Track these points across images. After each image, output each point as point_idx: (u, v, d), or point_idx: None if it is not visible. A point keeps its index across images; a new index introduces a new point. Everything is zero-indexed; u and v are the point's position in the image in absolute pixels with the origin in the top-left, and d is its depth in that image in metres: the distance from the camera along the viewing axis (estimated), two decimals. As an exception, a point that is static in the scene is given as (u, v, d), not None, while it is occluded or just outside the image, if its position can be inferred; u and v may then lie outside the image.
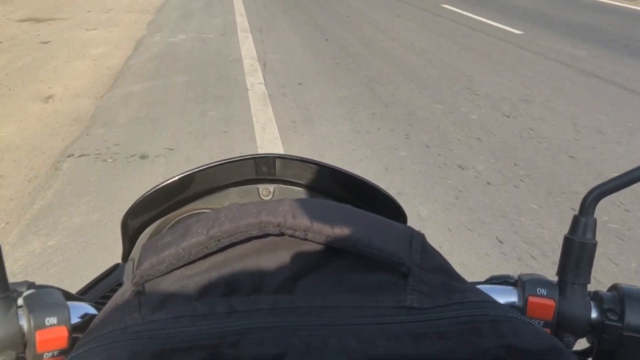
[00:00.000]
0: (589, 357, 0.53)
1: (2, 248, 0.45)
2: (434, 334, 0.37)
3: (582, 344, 0.53)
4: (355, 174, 0.70)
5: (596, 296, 0.51)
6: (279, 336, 0.36)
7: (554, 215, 2.81)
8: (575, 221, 0.51)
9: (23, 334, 0.44)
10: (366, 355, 0.36)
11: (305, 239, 0.38)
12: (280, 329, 0.36)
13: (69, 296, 0.50)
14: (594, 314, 0.50)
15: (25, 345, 0.44)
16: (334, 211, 0.40)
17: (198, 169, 0.68)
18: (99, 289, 0.69)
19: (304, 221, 0.38)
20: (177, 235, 0.39)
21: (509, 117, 4.20)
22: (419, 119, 4.14)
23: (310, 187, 0.74)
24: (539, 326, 0.39)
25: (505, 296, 0.52)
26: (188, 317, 0.36)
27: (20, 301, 0.45)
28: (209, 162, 0.68)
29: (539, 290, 0.51)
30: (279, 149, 3.45)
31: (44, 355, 0.44)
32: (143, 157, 3.39)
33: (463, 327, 0.37)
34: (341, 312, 0.37)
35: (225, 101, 4.47)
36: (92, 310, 0.48)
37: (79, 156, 3.41)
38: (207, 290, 0.37)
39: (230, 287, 0.38)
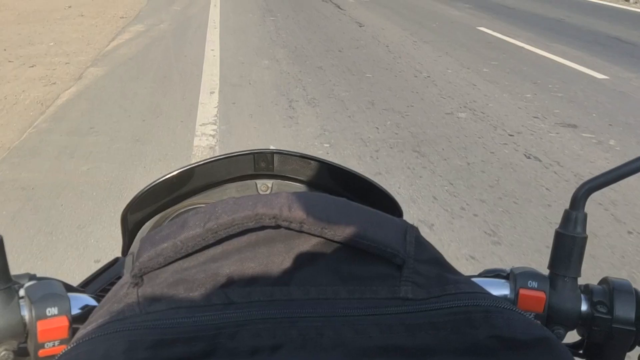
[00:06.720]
0: (580, 349, 0.54)
1: (3, 241, 0.46)
2: (427, 324, 0.37)
3: (571, 337, 0.54)
4: (352, 170, 0.71)
5: (586, 289, 0.52)
6: (276, 328, 0.36)
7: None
8: (566, 215, 0.52)
9: (25, 324, 0.45)
10: (361, 346, 0.36)
11: (301, 232, 0.39)
12: (277, 320, 0.37)
13: (69, 288, 0.51)
14: (584, 307, 0.51)
15: (26, 335, 0.45)
16: (330, 204, 0.41)
17: (197, 164, 0.69)
18: (99, 282, 0.69)
19: (299, 213, 0.39)
20: (174, 228, 0.40)
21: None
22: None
23: (308, 183, 0.74)
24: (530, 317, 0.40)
25: (498, 289, 0.53)
26: (186, 309, 0.37)
27: (21, 292, 0.46)
28: (207, 158, 0.69)
29: (530, 283, 0.52)
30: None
31: (45, 345, 0.44)
32: None
33: (456, 317, 0.37)
34: (337, 304, 0.38)
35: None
36: (92, 302, 0.49)
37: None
38: (205, 282, 0.38)
39: (227, 278, 0.38)
